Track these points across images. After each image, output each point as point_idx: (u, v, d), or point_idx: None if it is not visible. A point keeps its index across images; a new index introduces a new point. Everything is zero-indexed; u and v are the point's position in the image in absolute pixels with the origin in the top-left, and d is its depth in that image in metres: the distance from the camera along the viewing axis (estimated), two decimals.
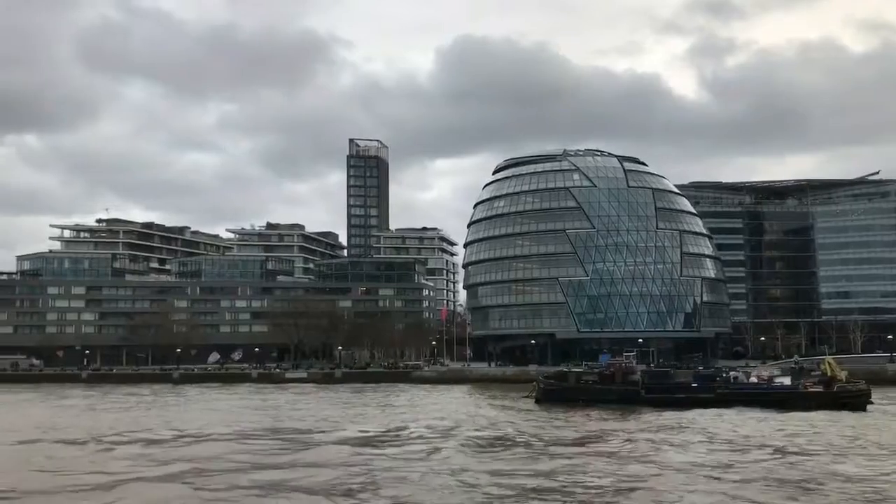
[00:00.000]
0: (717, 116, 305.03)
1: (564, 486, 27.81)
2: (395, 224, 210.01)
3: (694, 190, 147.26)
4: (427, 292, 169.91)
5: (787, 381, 62.73)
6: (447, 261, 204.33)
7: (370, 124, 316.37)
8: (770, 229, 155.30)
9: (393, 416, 56.25)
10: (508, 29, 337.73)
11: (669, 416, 51.02)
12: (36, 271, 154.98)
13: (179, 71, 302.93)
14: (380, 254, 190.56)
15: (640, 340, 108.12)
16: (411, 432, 45.01)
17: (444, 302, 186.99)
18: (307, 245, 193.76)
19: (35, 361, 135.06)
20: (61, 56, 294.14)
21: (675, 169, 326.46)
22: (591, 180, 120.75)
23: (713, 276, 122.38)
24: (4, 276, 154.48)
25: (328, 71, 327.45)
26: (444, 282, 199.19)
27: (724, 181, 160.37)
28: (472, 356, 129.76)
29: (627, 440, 40.20)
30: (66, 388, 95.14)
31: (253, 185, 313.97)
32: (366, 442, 41.02)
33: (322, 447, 38.97)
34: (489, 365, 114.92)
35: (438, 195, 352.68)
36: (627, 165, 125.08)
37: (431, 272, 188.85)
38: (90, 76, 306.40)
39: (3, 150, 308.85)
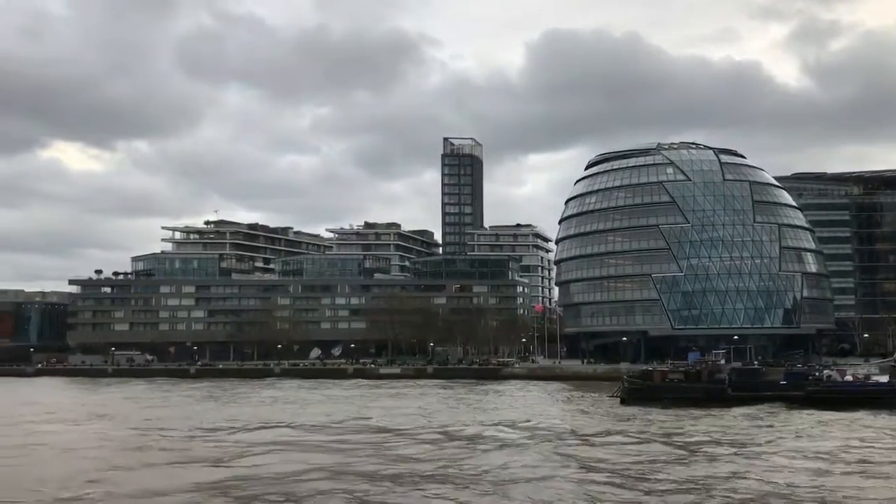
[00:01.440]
0: (822, 104, 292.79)
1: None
2: (489, 221, 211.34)
3: (796, 182, 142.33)
4: (521, 289, 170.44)
5: (884, 379, 60.33)
6: (542, 257, 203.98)
7: (461, 121, 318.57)
8: (881, 221, 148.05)
9: (465, 412, 57.40)
10: (597, 21, 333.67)
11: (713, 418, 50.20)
12: (149, 271, 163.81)
13: (273, 75, 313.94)
14: (474, 251, 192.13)
15: (736, 337, 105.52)
16: (476, 431, 45.61)
17: (540, 298, 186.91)
18: (403, 243, 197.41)
19: (149, 357, 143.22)
20: (163, 65, 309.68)
21: (778, 160, 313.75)
22: (685, 174, 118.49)
23: (815, 270, 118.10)
24: (121, 277, 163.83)
25: (418, 70, 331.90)
26: (539, 278, 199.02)
27: (829, 172, 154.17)
28: (565, 353, 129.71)
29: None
30: (174, 382, 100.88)
31: (349, 185, 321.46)
32: (442, 435, 42.30)
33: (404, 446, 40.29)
34: (582, 362, 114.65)
35: (533, 190, 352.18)
36: (724, 158, 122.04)
37: (526, 269, 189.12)
38: (190, 83, 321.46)
39: (117, 157, 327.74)
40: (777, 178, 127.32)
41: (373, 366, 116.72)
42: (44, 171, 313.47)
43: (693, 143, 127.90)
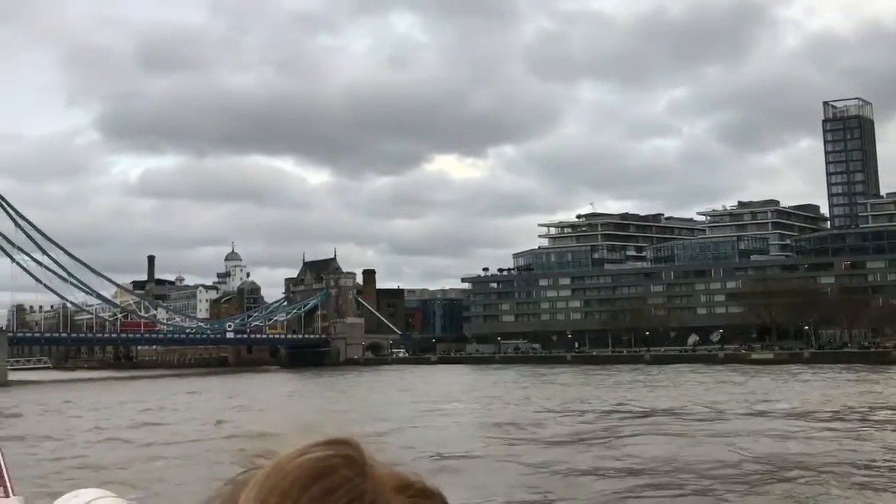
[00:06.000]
0: None
1: None
2: (886, 187, 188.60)
3: None
4: None
5: None
6: None
7: (830, 80, 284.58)
8: None
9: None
10: None
11: None
12: (529, 266, 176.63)
13: (620, 65, 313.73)
14: (868, 223, 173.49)
15: None
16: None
17: None
18: (782, 220, 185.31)
19: (534, 346, 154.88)
20: (516, 72, 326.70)
21: None
22: None
23: None
24: (505, 273, 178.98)
25: (770, 33, 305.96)
26: None
27: None
28: None
29: None
30: (551, 368, 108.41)
31: (717, 163, 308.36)
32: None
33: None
34: None
35: None
36: None
37: None
38: (544, 85, 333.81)
39: (489, 163, 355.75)
40: None
41: (744, 351, 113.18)
42: (433, 182, 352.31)
43: None
